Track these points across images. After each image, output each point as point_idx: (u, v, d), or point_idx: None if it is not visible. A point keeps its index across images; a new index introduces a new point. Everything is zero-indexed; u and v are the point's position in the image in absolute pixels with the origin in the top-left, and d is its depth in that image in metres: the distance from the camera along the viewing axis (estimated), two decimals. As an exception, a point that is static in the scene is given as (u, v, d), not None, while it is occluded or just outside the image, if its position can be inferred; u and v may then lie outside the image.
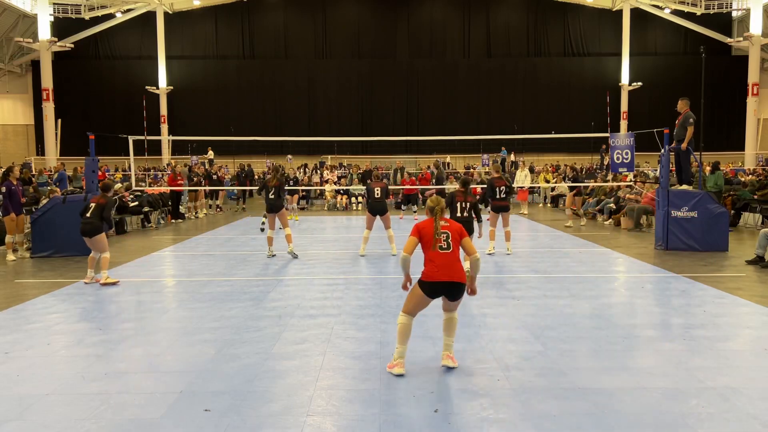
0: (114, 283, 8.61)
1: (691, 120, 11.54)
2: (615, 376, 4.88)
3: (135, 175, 17.70)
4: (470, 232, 8.24)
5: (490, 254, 10.86)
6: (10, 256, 10.96)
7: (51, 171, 26.84)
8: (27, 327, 6.45)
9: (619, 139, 14.02)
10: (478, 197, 15.39)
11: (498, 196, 11.06)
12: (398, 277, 9.08)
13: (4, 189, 11.10)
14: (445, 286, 4.93)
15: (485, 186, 15.72)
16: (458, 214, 8.52)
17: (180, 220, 17.85)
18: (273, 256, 10.92)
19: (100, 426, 4.04)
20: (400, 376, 4.88)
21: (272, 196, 10.70)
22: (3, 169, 12.66)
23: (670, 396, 4.46)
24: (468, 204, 8.67)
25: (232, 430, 3.96)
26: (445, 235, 5.03)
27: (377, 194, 11.15)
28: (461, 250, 5.08)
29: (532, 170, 24.65)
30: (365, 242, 11.09)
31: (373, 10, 42.20)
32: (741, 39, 34.66)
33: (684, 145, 11.59)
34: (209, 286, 8.53)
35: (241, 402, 4.41)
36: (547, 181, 22.96)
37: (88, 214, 8.77)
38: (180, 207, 18.39)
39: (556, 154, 38.32)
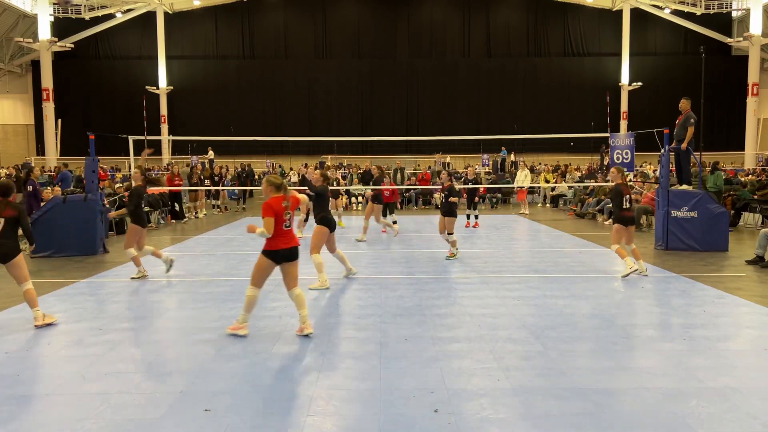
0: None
1: (692, 120, 11.54)
2: (615, 376, 4.88)
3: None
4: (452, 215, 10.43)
5: (625, 276, 8.88)
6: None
7: (52, 170, 26.84)
8: (27, 327, 6.45)
9: (619, 139, 14.04)
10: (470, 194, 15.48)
11: (625, 206, 9.14)
12: (398, 277, 9.09)
13: (30, 188, 11.15)
14: (289, 252, 5.86)
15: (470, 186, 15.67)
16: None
17: (183, 221, 17.75)
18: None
19: (100, 426, 4.04)
20: (245, 336, 5.90)
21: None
22: (4, 169, 12.74)
23: (670, 396, 4.46)
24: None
25: (232, 430, 3.96)
26: (289, 215, 5.88)
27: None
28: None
29: (532, 170, 24.65)
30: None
31: (373, 10, 42.21)
32: (741, 39, 34.68)
33: (684, 145, 11.60)
34: (209, 286, 8.53)
35: (241, 402, 4.41)
36: (547, 181, 22.96)
37: None
38: (182, 207, 18.27)
39: (556, 154, 38.33)
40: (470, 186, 15.96)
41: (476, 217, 15.84)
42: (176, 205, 17.92)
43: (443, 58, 42.14)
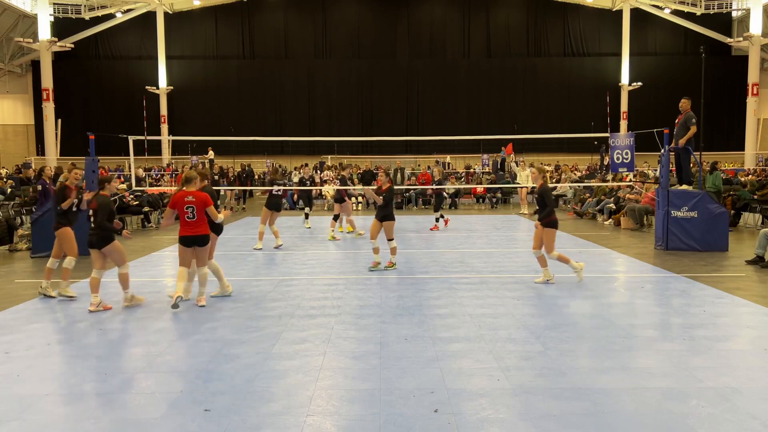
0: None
1: (693, 120, 11.55)
2: (615, 376, 4.88)
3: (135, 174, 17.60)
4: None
5: None
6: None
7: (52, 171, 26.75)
8: (27, 327, 6.45)
9: (619, 139, 14.01)
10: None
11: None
12: (398, 277, 9.09)
13: (40, 187, 11.31)
14: (193, 238, 7.14)
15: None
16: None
17: None
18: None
19: (100, 426, 4.04)
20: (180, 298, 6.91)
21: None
22: (12, 168, 12.93)
23: (670, 396, 4.46)
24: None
25: (232, 430, 3.96)
26: (191, 209, 7.06)
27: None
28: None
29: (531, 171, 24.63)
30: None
31: (373, 10, 42.21)
32: (741, 39, 34.68)
33: (682, 142, 11.58)
34: (209, 286, 8.52)
35: (241, 402, 4.41)
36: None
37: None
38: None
39: (557, 154, 38.34)
40: (436, 187, 15.54)
41: (442, 216, 15.39)
42: None
43: (443, 58, 42.14)
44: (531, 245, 13.02)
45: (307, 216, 15.79)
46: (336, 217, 13.80)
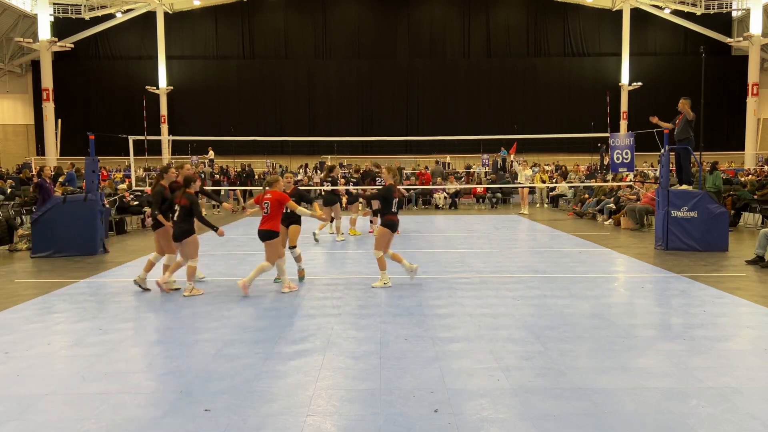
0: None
1: (690, 117, 11.62)
2: (615, 376, 4.88)
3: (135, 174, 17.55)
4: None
5: None
6: None
7: (52, 170, 26.76)
8: (27, 327, 6.45)
9: (619, 139, 14.03)
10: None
11: (393, 209, 8.52)
12: (397, 277, 9.09)
13: (38, 183, 11.56)
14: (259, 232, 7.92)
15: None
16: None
17: None
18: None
19: (100, 426, 4.04)
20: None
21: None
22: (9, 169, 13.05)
23: (670, 396, 4.45)
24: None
25: (232, 430, 3.96)
26: (267, 204, 7.87)
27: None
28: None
29: (534, 170, 24.67)
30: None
31: (373, 10, 42.22)
32: (741, 39, 34.69)
33: (689, 113, 11.59)
34: (209, 286, 8.53)
35: (241, 402, 4.41)
36: (543, 182, 22.94)
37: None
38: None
39: (557, 154, 38.35)
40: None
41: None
42: None
43: (443, 58, 42.15)
44: (530, 245, 13.13)
45: (332, 220, 14.35)
46: (332, 220, 13.62)
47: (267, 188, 8.12)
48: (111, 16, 39.09)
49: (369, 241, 13.18)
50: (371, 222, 14.15)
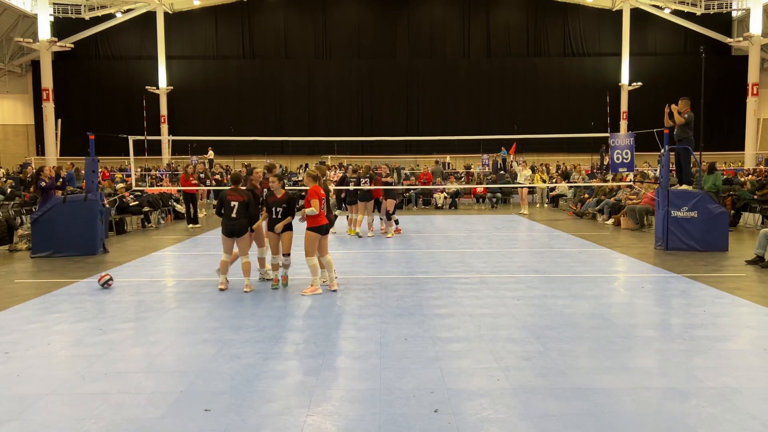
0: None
1: (686, 117, 11.66)
2: (615, 376, 4.88)
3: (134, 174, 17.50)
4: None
5: None
6: None
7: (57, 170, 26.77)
8: (27, 327, 6.45)
9: (619, 139, 14.01)
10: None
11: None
12: (398, 277, 9.10)
13: (39, 182, 11.77)
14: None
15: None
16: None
17: (197, 225, 15.99)
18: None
19: (100, 426, 4.04)
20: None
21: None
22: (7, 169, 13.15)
23: (670, 396, 4.46)
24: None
25: (232, 430, 3.96)
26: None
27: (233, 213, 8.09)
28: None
29: (533, 170, 24.68)
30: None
31: (373, 10, 42.21)
32: (741, 39, 34.67)
33: (685, 108, 11.62)
34: (209, 286, 8.53)
35: (241, 402, 4.41)
36: (543, 181, 22.93)
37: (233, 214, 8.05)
38: (197, 210, 16.48)
39: (557, 154, 38.34)
40: (385, 187, 13.80)
41: (396, 222, 14.23)
42: (191, 207, 16.16)
43: (443, 58, 42.13)
44: (530, 245, 13.12)
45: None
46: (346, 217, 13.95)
47: (312, 183, 7.93)
48: (111, 16, 39.08)
49: (370, 241, 13.19)
50: (381, 219, 14.07)
